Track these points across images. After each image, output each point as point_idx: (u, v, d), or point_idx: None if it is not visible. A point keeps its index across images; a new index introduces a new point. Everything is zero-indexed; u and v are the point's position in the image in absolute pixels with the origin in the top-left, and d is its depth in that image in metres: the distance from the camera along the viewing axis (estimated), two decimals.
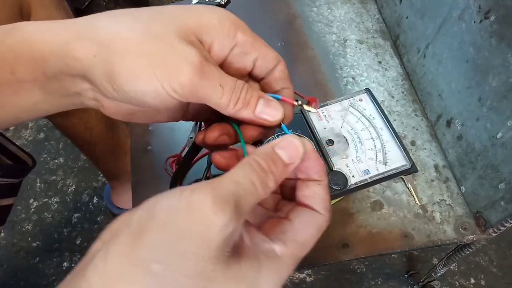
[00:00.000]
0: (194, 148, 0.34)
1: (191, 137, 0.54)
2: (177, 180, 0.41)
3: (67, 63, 0.25)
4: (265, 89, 0.30)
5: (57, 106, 0.28)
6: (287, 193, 0.29)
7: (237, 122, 0.29)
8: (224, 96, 0.26)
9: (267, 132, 0.30)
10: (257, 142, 0.31)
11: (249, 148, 0.28)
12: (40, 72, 0.26)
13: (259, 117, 0.27)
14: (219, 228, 0.19)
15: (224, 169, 0.29)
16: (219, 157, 0.29)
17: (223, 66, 0.28)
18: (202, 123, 0.34)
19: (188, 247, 0.19)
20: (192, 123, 0.39)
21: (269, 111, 0.27)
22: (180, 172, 0.41)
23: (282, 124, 0.28)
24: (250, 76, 0.30)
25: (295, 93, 0.31)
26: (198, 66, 0.24)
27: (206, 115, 0.32)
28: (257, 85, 0.31)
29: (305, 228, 0.24)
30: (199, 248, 0.19)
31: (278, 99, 0.29)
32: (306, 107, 0.29)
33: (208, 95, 0.25)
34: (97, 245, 0.22)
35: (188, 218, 0.19)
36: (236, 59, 0.28)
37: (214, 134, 0.29)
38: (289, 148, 0.24)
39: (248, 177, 0.21)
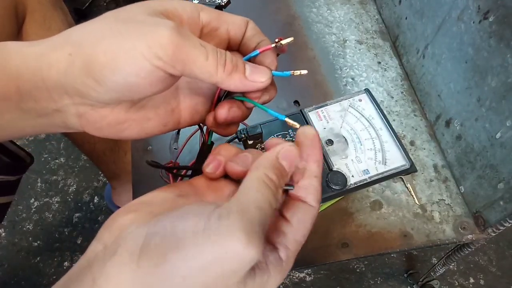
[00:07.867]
0: (203, 151, 0.34)
1: (175, 148, 0.53)
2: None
3: (42, 76, 0.25)
4: (244, 52, 0.31)
5: (34, 127, 0.27)
6: None
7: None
8: (210, 56, 0.25)
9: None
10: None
11: (253, 151, 0.28)
12: (14, 88, 0.25)
13: (252, 79, 0.27)
14: (249, 262, 0.19)
15: (224, 123, 0.30)
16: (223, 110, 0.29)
17: None
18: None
19: (214, 279, 0.19)
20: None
21: (258, 71, 0.28)
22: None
23: (273, 71, 0.29)
24: (229, 49, 0.31)
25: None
26: (175, 27, 0.24)
27: (200, 115, 0.32)
28: (237, 53, 0.31)
29: (303, 226, 0.25)
30: (226, 279, 0.20)
31: (256, 55, 0.29)
32: (284, 41, 0.30)
33: (192, 56, 0.24)
34: (96, 247, 0.22)
35: (216, 248, 0.19)
36: (211, 37, 0.29)
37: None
38: (290, 157, 0.24)
39: (267, 200, 0.21)
